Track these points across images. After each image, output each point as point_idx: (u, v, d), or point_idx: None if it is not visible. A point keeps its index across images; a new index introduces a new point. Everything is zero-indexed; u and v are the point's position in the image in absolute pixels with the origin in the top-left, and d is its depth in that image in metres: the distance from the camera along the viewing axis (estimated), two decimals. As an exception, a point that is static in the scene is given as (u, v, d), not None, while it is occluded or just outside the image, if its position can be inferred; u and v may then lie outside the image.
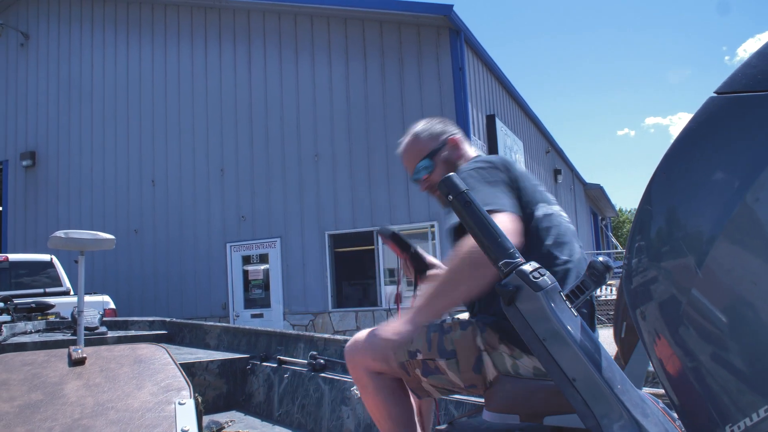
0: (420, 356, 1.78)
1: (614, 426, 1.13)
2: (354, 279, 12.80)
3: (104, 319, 5.24)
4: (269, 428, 3.51)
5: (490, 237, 1.21)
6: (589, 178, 27.76)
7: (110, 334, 5.14)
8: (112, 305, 8.19)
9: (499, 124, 13.12)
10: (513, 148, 14.23)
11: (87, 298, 5.65)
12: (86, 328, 4.69)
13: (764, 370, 0.79)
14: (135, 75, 15.04)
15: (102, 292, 9.01)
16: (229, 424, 3.51)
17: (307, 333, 3.99)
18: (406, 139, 2.18)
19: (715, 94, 0.89)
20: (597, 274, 1.20)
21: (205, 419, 3.40)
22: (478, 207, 1.24)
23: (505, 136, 13.52)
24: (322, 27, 12.95)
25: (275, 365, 3.87)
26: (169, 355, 1.36)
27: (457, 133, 2.18)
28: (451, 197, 1.25)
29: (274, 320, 12.64)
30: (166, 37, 14.72)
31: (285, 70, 13.20)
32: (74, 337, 4.28)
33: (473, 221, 1.24)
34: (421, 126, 2.17)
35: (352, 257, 12.89)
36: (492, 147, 12.79)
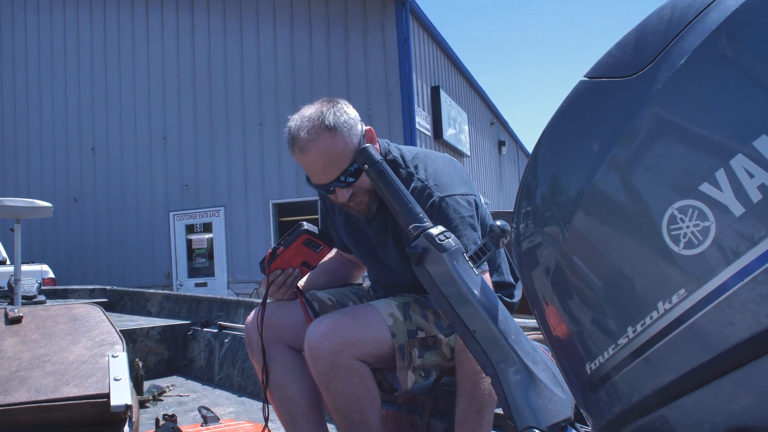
0: (422, 334, 1.70)
1: (509, 371, 1.28)
2: (298, 248, 12.86)
3: (43, 287, 5.21)
4: (210, 391, 3.59)
5: (401, 203, 1.34)
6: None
7: (49, 302, 5.12)
8: (51, 274, 8.07)
9: (443, 95, 13.25)
10: (457, 120, 14.41)
11: (24, 267, 5.59)
12: (24, 297, 4.66)
13: (608, 314, 0.94)
14: (72, 39, 14.57)
15: (41, 262, 8.86)
16: (170, 388, 3.58)
17: (247, 299, 4.07)
18: (314, 134, 1.61)
19: (585, 78, 1.02)
20: (495, 237, 1.34)
21: (146, 384, 3.47)
22: (391, 176, 1.35)
23: (449, 107, 13.67)
24: (267, -6, 12.80)
25: (216, 331, 3.95)
26: (104, 313, 1.44)
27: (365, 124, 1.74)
28: (367, 166, 1.36)
29: (218, 289, 12.63)
30: (106, 1, 14.28)
31: (229, 37, 13.01)
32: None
33: (386, 189, 1.36)
34: (330, 114, 1.62)
35: (296, 226, 12.90)
36: (436, 118, 12.94)
